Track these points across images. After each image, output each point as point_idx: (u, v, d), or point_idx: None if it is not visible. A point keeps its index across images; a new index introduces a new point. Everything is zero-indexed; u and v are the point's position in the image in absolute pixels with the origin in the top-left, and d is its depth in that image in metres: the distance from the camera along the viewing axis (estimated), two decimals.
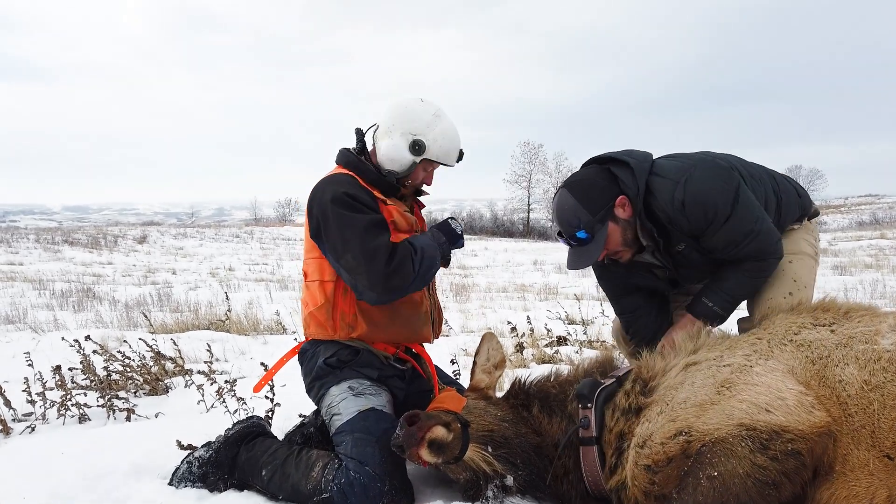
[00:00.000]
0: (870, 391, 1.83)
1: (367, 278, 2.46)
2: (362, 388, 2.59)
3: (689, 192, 2.52)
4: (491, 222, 48.14)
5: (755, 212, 2.55)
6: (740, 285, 2.67)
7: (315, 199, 2.62)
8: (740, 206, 2.51)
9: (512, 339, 5.08)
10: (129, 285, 12.19)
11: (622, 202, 2.60)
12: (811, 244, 2.88)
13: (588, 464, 2.23)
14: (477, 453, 2.24)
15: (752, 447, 1.79)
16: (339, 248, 2.52)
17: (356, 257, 2.47)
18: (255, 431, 2.65)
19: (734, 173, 2.59)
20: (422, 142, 2.68)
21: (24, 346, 5.27)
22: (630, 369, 2.38)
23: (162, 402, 3.95)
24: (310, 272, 2.73)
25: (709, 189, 2.51)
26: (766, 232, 2.56)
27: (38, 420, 3.52)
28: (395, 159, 2.70)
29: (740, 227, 2.53)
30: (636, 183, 2.58)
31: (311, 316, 2.71)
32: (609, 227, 2.61)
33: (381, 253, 2.45)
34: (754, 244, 2.56)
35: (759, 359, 2.03)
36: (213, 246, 24.10)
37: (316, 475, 2.36)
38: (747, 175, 2.71)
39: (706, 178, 2.53)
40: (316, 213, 2.60)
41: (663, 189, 2.56)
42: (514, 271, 15.88)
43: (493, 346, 2.80)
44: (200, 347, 5.04)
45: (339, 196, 2.55)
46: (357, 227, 2.49)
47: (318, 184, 2.68)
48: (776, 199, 2.77)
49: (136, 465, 2.70)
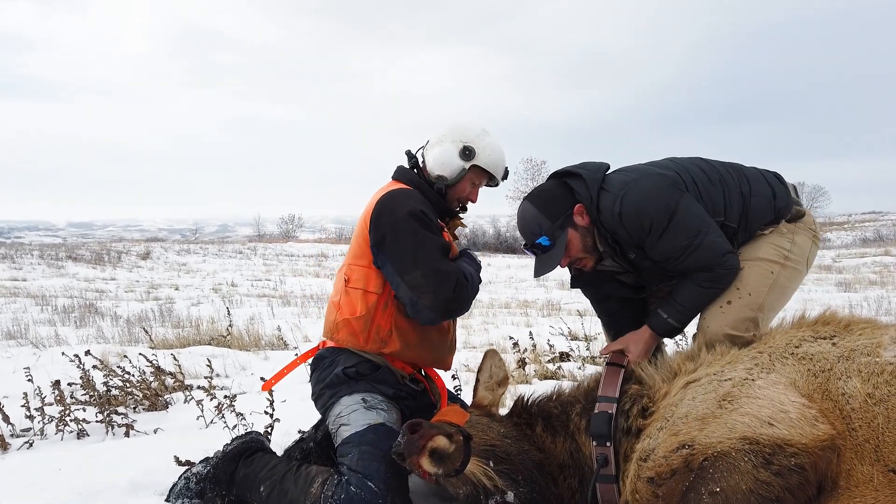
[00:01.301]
0: (874, 405, 1.80)
1: (432, 298, 2.50)
2: (375, 403, 2.57)
3: (625, 204, 2.59)
4: (494, 239, 48.13)
5: (695, 225, 2.57)
6: (694, 296, 2.65)
7: (386, 209, 2.62)
8: (676, 221, 2.55)
9: (514, 354, 5.05)
10: (132, 301, 12.19)
11: (580, 210, 2.71)
12: (778, 249, 2.71)
13: (606, 501, 2.22)
14: (478, 467, 2.22)
15: (755, 462, 1.76)
16: (409, 263, 2.53)
17: (427, 276, 2.50)
18: (253, 447, 2.63)
19: (677, 187, 2.62)
20: (472, 148, 2.79)
21: (25, 362, 5.26)
22: (626, 390, 2.38)
23: (161, 417, 3.92)
24: (353, 279, 2.70)
25: (644, 203, 2.58)
26: (706, 246, 2.56)
27: (37, 435, 3.50)
28: (446, 163, 2.78)
29: (677, 241, 2.56)
30: (589, 193, 2.69)
31: (345, 322, 2.68)
32: (569, 233, 2.72)
33: (451, 277, 2.53)
34: (693, 257, 2.58)
35: (761, 372, 2.01)
36: (216, 262, 24.11)
37: (315, 491, 2.33)
38: (704, 181, 2.70)
39: (643, 192, 2.60)
40: (385, 224, 2.59)
41: (606, 202, 2.65)
42: (516, 287, 15.84)
43: (496, 363, 2.78)
44: (201, 363, 5.03)
45: (417, 213, 2.59)
46: (432, 246, 2.55)
47: (388, 194, 2.69)
48: (742, 202, 2.73)
49: (133, 481, 2.68)
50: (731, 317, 2.61)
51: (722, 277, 2.61)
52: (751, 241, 2.75)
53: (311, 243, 35.81)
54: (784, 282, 2.69)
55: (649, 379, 2.34)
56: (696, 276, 2.64)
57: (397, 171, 2.92)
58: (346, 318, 2.67)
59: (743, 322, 2.60)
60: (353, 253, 2.76)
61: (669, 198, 2.57)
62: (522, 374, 4.73)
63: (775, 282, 2.65)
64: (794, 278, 2.74)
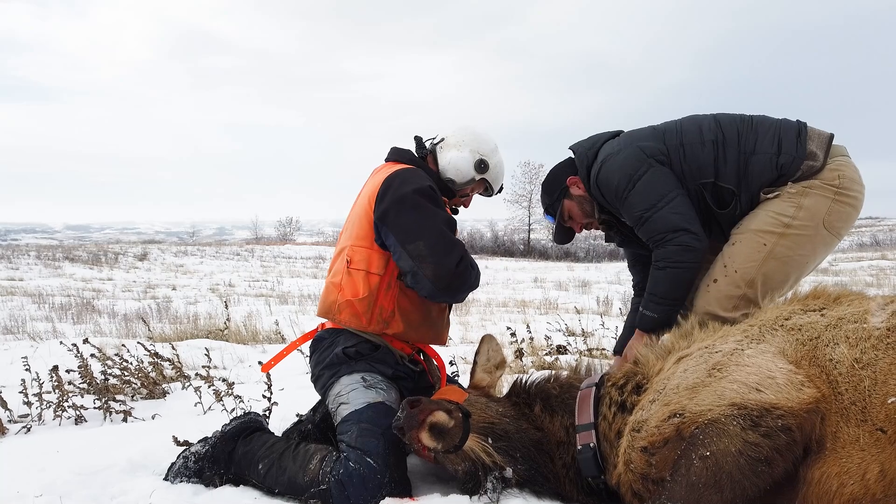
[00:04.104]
0: (861, 369, 1.83)
1: (433, 268, 2.53)
2: (374, 382, 2.59)
3: (600, 175, 2.85)
4: (491, 242, 48.16)
5: (651, 198, 2.66)
6: (657, 281, 2.67)
7: (392, 185, 2.65)
8: (635, 191, 2.70)
9: (511, 346, 5.06)
10: (129, 300, 12.18)
11: (573, 181, 3.05)
12: (776, 217, 2.59)
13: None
14: (477, 443, 2.24)
15: (743, 425, 1.79)
16: (414, 231, 2.56)
17: (430, 245, 2.54)
18: (252, 427, 2.64)
19: (647, 160, 2.72)
20: (487, 162, 2.94)
21: (23, 353, 5.25)
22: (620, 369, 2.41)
23: (159, 405, 3.94)
24: (356, 260, 2.71)
25: (612, 174, 2.78)
26: (657, 219, 2.65)
27: (35, 421, 3.50)
28: (461, 170, 2.91)
29: (634, 211, 2.74)
30: (579, 169, 3.01)
31: (347, 304, 2.69)
32: (565, 204, 3.09)
33: (456, 249, 2.58)
34: (644, 229, 2.71)
35: (751, 343, 2.04)
36: (213, 263, 24.08)
37: (314, 468, 2.34)
38: (695, 143, 2.71)
39: (615, 163, 2.78)
40: (390, 198, 2.61)
41: (593, 172, 2.92)
42: (514, 288, 15.85)
43: (493, 346, 2.81)
44: (199, 355, 5.04)
45: (425, 188, 2.64)
46: (437, 218, 2.60)
47: (395, 173, 2.70)
48: (738, 160, 2.66)
49: (132, 462, 2.69)
50: (717, 295, 2.61)
51: (672, 255, 2.59)
52: (752, 210, 2.69)
53: (309, 246, 35.79)
54: (784, 251, 2.58)
55: (643, 358, 2.36)
56: (654, 259, 2.69)
57: (394, 152, 2.95)
58: (349, 299, 2.69)
59: (730, 300, 2.59)
60: (354, 234, 2.77)
61: (634, 170, 2.72)
62: (520, 364, 4.74)
63: (770, 253, 2.58)
64: (802, 245, 2.60)
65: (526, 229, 54.36)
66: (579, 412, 2.29)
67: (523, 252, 46.81)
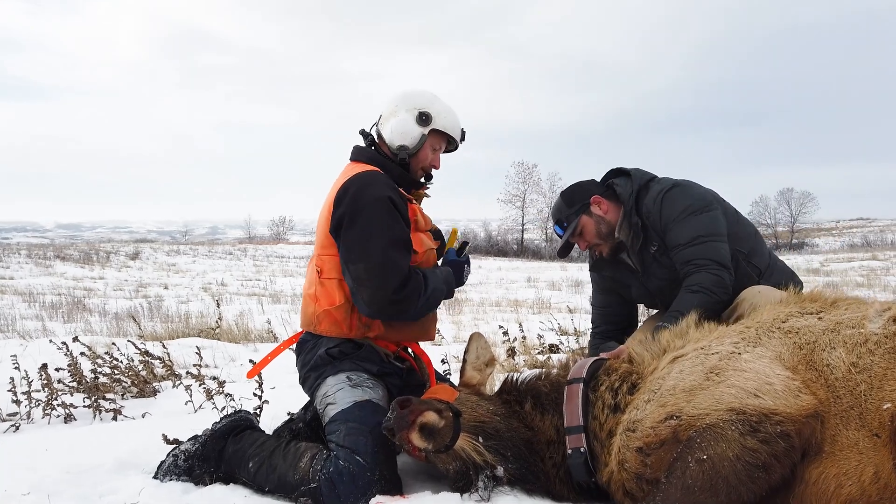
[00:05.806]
0: (857, 373, 1.83)
1: (370, 294, 2.48)
2: (360, 381, 2.57)
3: (675, 188, 3.03)
4: (485, 242, 48.21)
5: (716, 230, 2.92)
6: (688, 302, 2.80)
7: (349, 191, 2.56)
8: (704, 216, 2.94)
9: (504, 345, 5.06)
10: (120, 299, 12.11)
11: (597, 200, 3.12)
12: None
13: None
14: (468, 443, 2.23)
15: (742, 430, 1.79)
16: (356, 252, 2.50)
17: (370, 270, 2.47)
18: (242, 425, 2.62)
19: (718, 202, 3.04)
20: (427, 113, 2.77)
21: (12, 352, 5.21)
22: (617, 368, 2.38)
23: (150, 403, 3.91)
24: (325, 269, 2.67)
25: (687, 196, 3.00)
26: (712, 247, 2.87)
27: (24, 419, 3.48)
28: (405, 132, 2.75)
29: (695, 230, 2.90)
30: (632, 185, 3.08)
31: (326, 313, 2.64)
32: (582, 219, 3.13)
33: (395, 277, 2.48)
34: (696, 249, 2.88)
35: (748, 346, 2.04)
36: (206, 263, 24.00)
37: (304, 466, 2.33)
38: (747, 224, 3.17)
39: (695, 190, 3.04)
40: (346, 206, 2.54)
41: (654, 188, 3.05)
42: (507, 288, 15.85)
43: (482, 344, 2.79)
44: (190, 353, 5.01)
45: (384, 199, 2.54)
46: (385, 237, 2.49)
47: (353, 178, 2.62)
48: (768, 261, 3.10)
49: (121, 460, 2.67)
50: None
51: (708, 281, 2.80)
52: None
53: (303, 245, 35.71)
54: None
55: (638, 357, 2.36)
56: (688, 283, 2.85)
57: (354, 151, 2.87)
58: (326, 308, 2.64)
59: None
60: (320, 243, 2.73)
61: (707, 203, 2.99)
62: (512, 363, 4.74)
63: None
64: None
65: (519, 229, 54.44)
66: (567, 412, 2.28)
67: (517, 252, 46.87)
